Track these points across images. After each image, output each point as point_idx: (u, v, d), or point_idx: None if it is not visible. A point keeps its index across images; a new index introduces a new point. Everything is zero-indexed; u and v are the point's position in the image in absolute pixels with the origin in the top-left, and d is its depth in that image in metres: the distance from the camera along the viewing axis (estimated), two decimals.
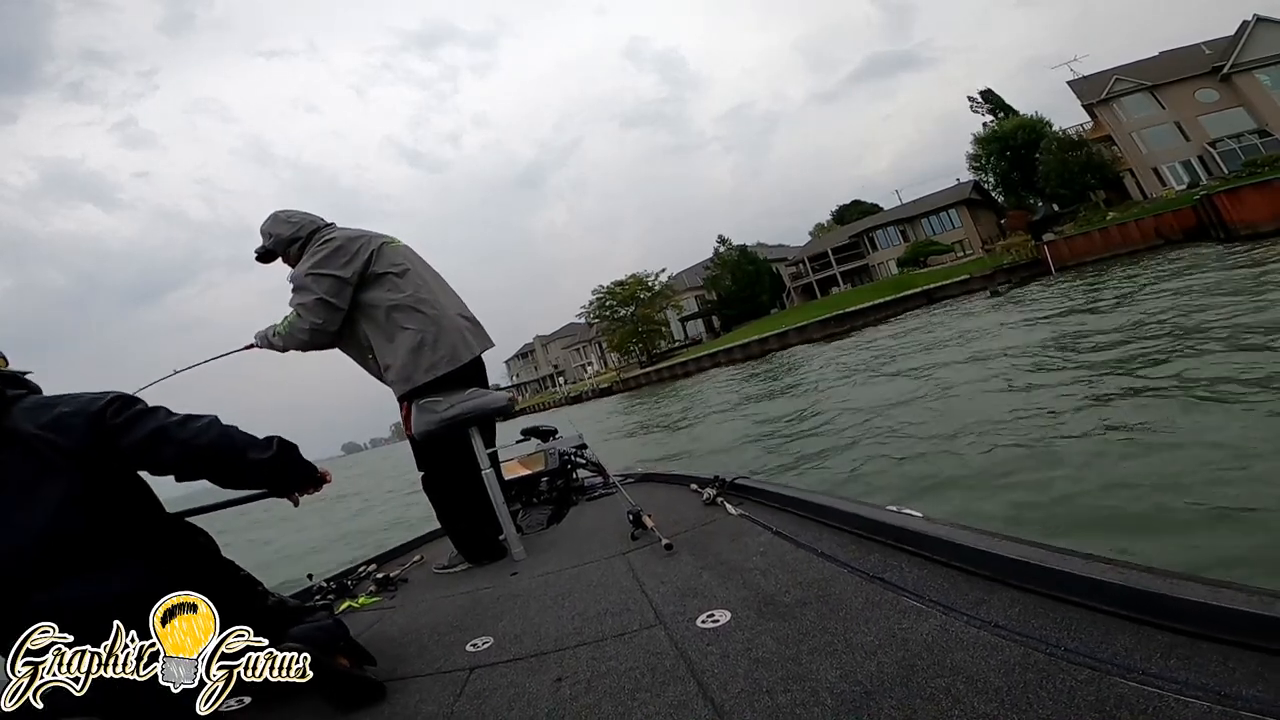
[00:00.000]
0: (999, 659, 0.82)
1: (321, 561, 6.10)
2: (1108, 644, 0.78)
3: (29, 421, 1.11)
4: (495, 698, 1.09)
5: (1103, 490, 3.19)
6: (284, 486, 1.39)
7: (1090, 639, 0.81)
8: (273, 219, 2.21)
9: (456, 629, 1.50)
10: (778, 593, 1.21)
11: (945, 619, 0.95)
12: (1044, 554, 0.97)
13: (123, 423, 1.17)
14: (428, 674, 1.27)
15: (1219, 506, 2.67)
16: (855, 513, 1.42)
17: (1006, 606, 0.94)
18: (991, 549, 1.04)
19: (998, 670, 0.80)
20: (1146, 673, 0.71)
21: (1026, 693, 0.74)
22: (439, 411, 2.03)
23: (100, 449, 1.14)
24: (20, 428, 1.10)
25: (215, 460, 1.24)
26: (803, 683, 0.89)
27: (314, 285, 2.02)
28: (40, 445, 1.09)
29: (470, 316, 2.28)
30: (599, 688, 1.02)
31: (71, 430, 1.12)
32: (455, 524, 2.22)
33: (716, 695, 0.91)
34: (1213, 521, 2.60)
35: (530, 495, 2.95)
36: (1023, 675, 0.77)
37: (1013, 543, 1.05)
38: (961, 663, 0.83)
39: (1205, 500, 2.76)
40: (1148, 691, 0.68)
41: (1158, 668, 0.72)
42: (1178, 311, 7.94)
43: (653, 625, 1.23)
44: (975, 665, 0.82)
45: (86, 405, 1.16)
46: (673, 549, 1.62)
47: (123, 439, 1.16)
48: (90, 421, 1.14)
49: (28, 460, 1.08)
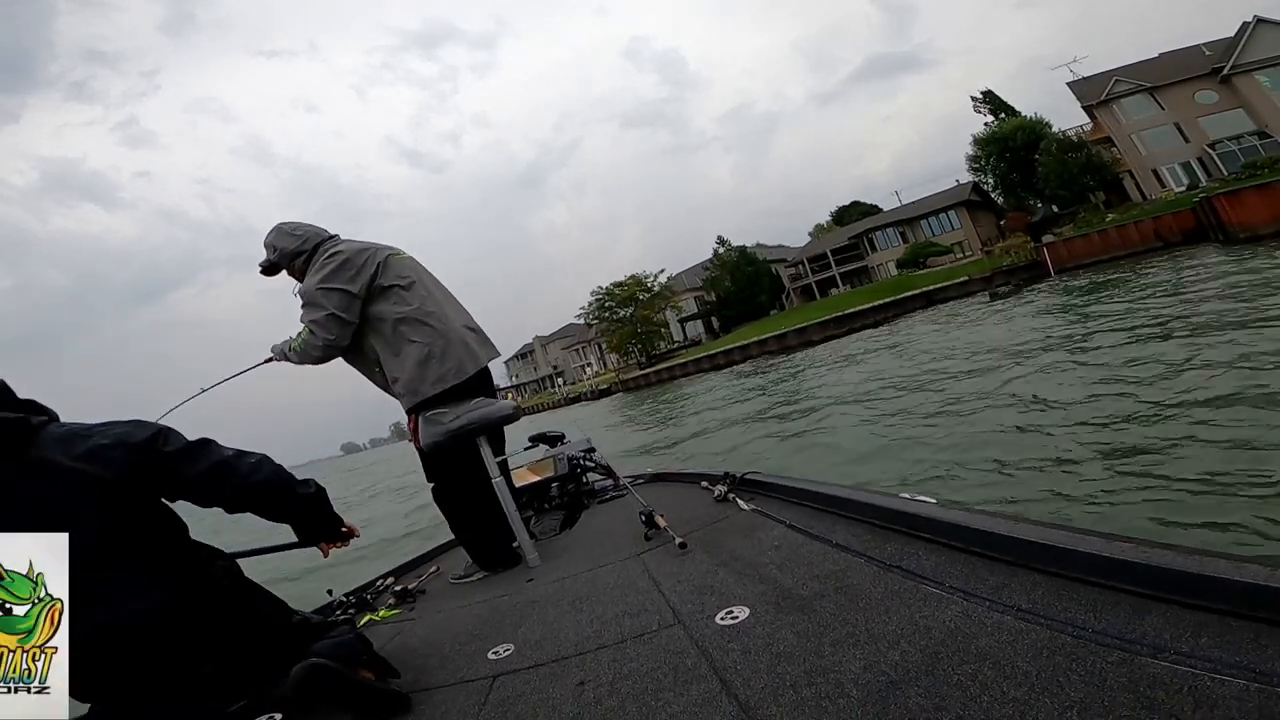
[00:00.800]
0: (1025, 643, 0.81)
1: (340, 575, 6.11)
2: (1135, 625, 0.77)
3: (61, 453, 1.11)
4: (519, 705, 1.08)
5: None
6: (318, 529, 1.43)
7: (1117, 620, 0.79)
8: (276, 232, 2.20)
9: (477, 638, 1.49)
10: (795, 586, 1.21)
11: (967, 605, 0.94)
12: (1063, 535, 0.96)
13: (180, 454, 1.19)
14: (451, 684, 1.27)
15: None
16: (869, 502, 1.42)
17: (1029, 590, 0.92)
18: (1010, 532, 1.03)
19: (1025, 655, 0.79)
20: (1179, 652, 0.70)
21: (1056, 676, 0.73)
22: (445, 423, 2.03)
23: (144, 479, 1.15)
24: (53, 459, 1.10)
25: (270, 495, 1.29)
26: (826, 675, 0.88)
27: (324, 300, 2.03)
28: (79, 478, 1.09)
29: (476, 328, 2.28)
30: (622, 690, 1.02)
31: (111, 462, 1.12)
32: (468, 534, 2.23)
33: (740, 692, 0.90)
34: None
35: (542, 501, 2.95)
36: (1051, 659, 0.76)
37: (1031, 525, 1.03)
38: (987, 648, 0.82)
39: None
40: (1182, 671, 0.67)
41: (1189, 647, 0.70)
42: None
43: (672, 625, 1.22)
44: (1001, 650, 0.81)
45: (124, 436, 1.16)
46: (687, 548, 1.62)
47: (183, 470, 1.18)
48: (132, 452, 1.14)
49: (65, 493, 1.09)
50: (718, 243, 49.12)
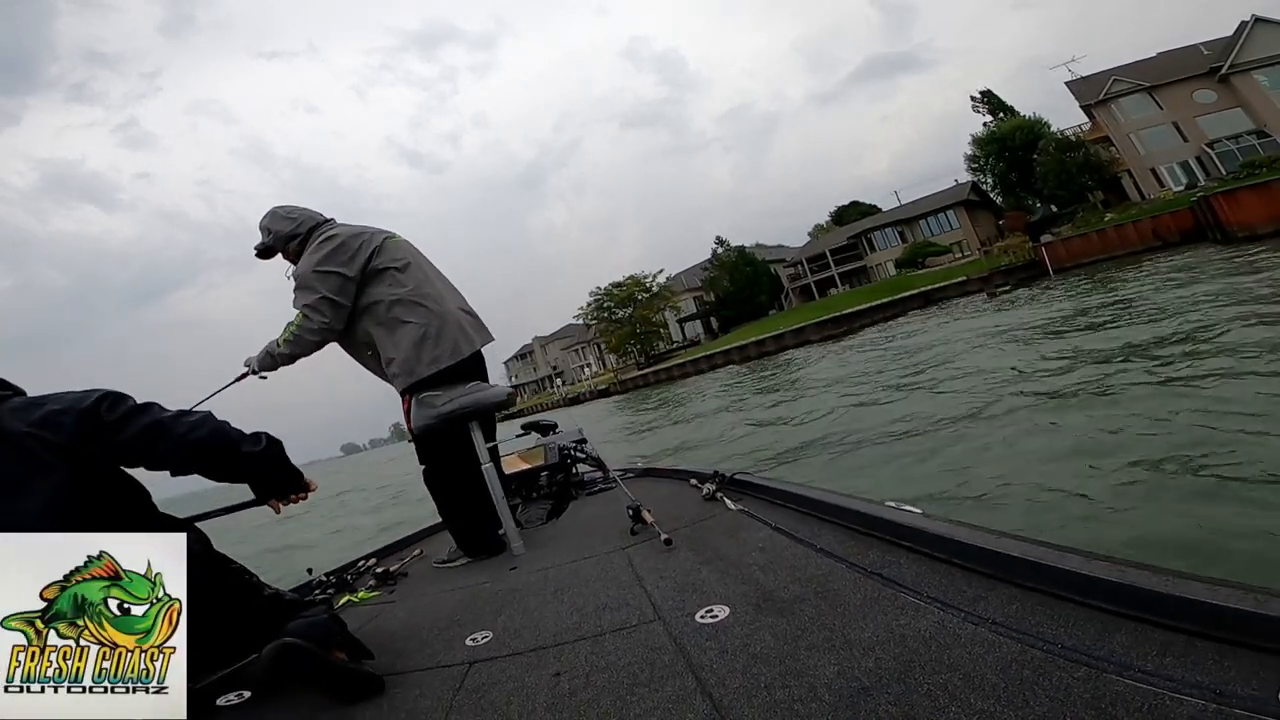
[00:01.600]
0: (996, 656, 0.82)
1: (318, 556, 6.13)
2: (1104, 642, 0.78)
3: (18, 420, 1.12)
4: (494, 692, 1.09)
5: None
6: (273, 485, 1.39)
7: (1087, 636, 0.80)
8: (272, 215, 2.21)
9: (456, 623, 1.49)
10: (776, 588, 1.21)
11: (943, 615, 0.95)
12: (1042, 551, 0.97)
13: (118, 418, 1.17)
14: (427, 668, 1.27)
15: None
16: (854, 509, 1.42)
17: (1004, 603, 0.93)
18: (990, 545, 1.04)
19: (994, 667, 0.80)
20: (1143, 670, 0.71)
21: (1023, 690, 0.74)
22: (437, 406, 2.03)
23: (91, 444, 1.15)
24: (9, 426, 1.11)
25: (211, 454, 1.25)
26: (800, 679, 0.88)
27: (318, 284, 2.03)
28: (30, 443, 1.10)
29: (471, 310, 2.29)
30: (597, 682, 1.03)
31: (60, 427, 1.12)
32: (455, 518, 2.22)
33: (714, 691, 0.91)
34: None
35: (530, 490, 2.94)
36: (1019, 672, 0.77)
37: (1011, 539, 1.04)
38: (959, 659, 0.83)
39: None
40: (1143, 690, 0.68)
41: (1154, 666, 0.72)
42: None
43: (651, 620, 1.22)
44: (972, 662, 0.82)
45: (75, 402, 1.16)
46: (672, 544, 1.63)
47: (119, 434, 1.17)
48: (80, 418, 1.14)
49: (17, 458, 1.09)
50: (716, 243, 49.18)
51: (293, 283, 2.10)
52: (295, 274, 2.09)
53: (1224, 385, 4.39)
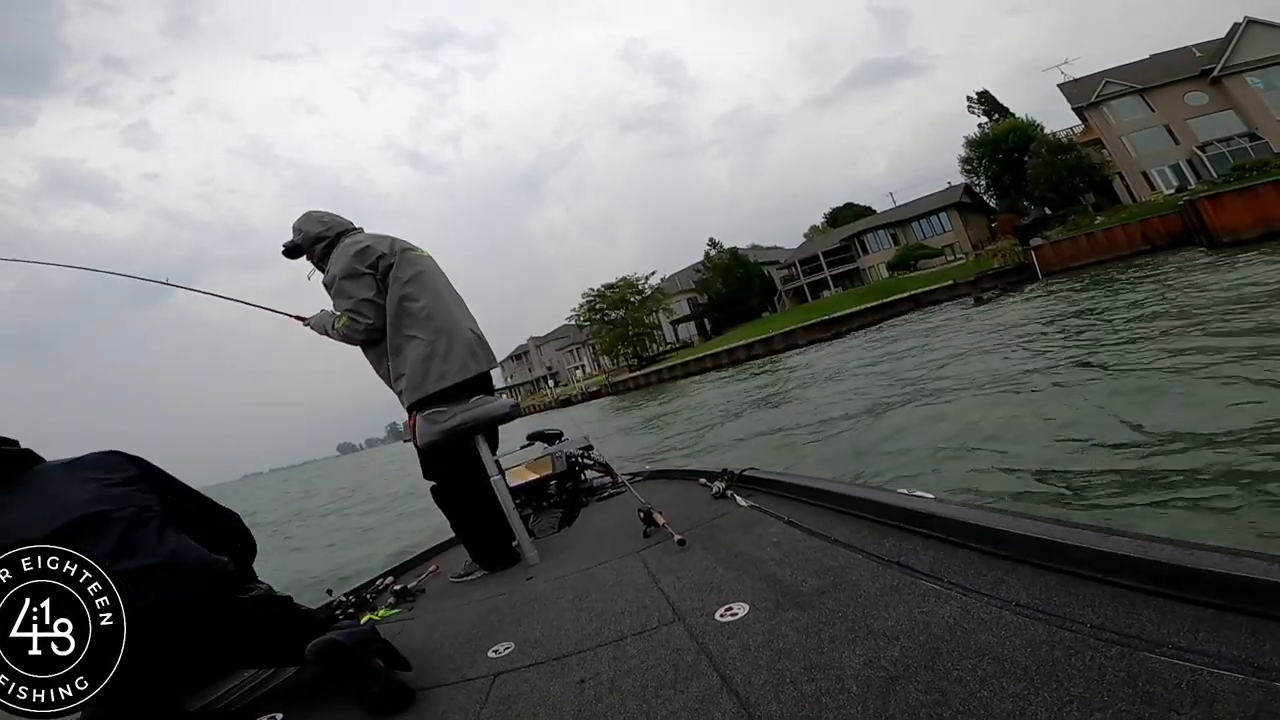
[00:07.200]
0: (1024, 639, 0.81)
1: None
2: (1133, 619, 0.77)
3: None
4: (520, 702, 1.08)
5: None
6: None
7: (1114, 615, 0.79)
8: (305, 217, 2.27)
9: (477, 636, 1.49)
10: (794, 582, 1.20)
11: (966, 600, 0.94)
12: (1061, 530, 0.95)
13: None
14: (452, 682, 1.26)
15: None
16: (867, 498, 1.41)
17: (1026, 585, 0.92)
18: (1008, 528, 1.02)
19: (1024, 650, 0.78)
20: (1177, 647, 0.70)
21: (1055, 671, 0.72)
22: (441, 422, 2.04)
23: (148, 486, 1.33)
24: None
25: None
26: (826, 671, 0.87)
27: (354, 289, 2.09)
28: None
29: (479, 333, 2.30)
30: (623, 687, 1.02)
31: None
32: (468, 532, 2.23)
33: (741, 688, 0.90)
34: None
35: (540, 500, 2.94)
36: (1050, 654, 0.76)
37: (1028, 520, 1.03)
38: (986, 644, 0.82)
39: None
40: (1180, 666, 0.67)
41: (1187, 641, 0.70)
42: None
43: (671, 622, 1.21)
44: (1000, 646, 0.81)
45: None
46: (686, 544, 1.62)
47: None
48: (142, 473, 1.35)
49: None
50: (709, 244, 49.05)
51: (323, 290, 2.17)
52: (327, 282, 2.15)
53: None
